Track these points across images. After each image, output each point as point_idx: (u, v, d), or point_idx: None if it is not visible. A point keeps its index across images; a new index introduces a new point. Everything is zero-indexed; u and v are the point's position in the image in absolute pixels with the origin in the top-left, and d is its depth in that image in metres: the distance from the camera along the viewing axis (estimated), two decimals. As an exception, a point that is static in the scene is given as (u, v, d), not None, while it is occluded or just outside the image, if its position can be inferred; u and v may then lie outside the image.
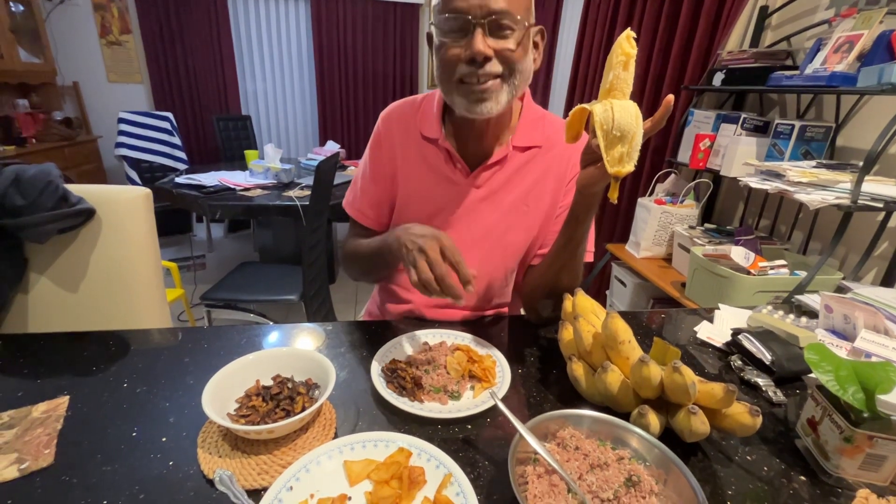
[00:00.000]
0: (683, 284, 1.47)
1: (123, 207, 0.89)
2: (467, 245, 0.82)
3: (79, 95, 3.45)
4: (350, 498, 0.46)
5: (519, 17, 0.65)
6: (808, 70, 1.28)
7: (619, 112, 0.54)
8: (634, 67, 0.56)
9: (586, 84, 2.50)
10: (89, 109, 3.51)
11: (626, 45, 0.55)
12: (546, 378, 0.69)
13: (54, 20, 3.25)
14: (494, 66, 0.67)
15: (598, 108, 0.56)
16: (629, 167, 0.56)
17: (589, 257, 0.83)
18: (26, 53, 2.97)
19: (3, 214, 0.79)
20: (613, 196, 0.60)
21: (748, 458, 0.56)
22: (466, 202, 0.82)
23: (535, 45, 0.74)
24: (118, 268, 0.89)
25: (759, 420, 0.52)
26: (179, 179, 2.31)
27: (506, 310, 0.94)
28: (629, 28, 0.57)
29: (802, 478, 0.53)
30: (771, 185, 1.21)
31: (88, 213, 0.86)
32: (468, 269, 0.63)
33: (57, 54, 3.25)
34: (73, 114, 3.42)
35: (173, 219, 3.44)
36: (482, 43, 0.64)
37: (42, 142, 2.88)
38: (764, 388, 0.69)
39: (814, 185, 1.15)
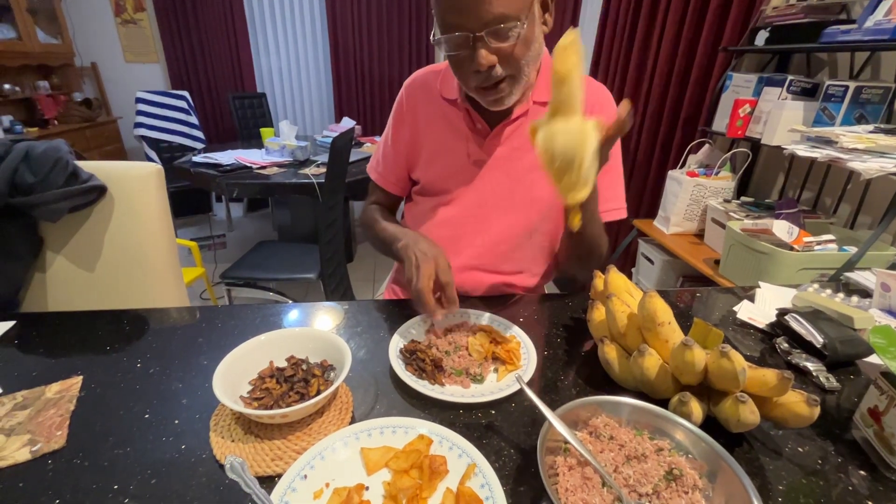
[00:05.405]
0: (717, 261, 1.39)
1: (135, 184, 0.87)
2: (490, 204, 0.84)
3: (97, 76, 3.47)
4: (367, 488, 0.43)
5: (516, 14, 0.62)
6: (869, 23, 1.14)
7: (562, 138, 0.50)
8: (582, 73, 0.49)
9: (612, 49, 2.36)
10: (108, 90, 3.53)
11: (562, 59, 0.48)
12: (574, 361, 0.65)
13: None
14: (501, 70, 0.66)
15: (539, 138, 0.52)
16: (582, 194, 0.53)
17: (622, 213, 0.84)
18: (44, 34, 2.97)
19: (15, 192, 0.77)
20: (573, 223, 0.58)
21: (799, 449, 0.51)
22: (487, 160, 0.82)
23: (545, 8, 0.70)
24: (132, 245, 0.88)
25: (817, 410, 0.48)
26: (197, 158, 2.31)
27: (533, 281, 0.91)
28: (572, 27, 0.50)
29: (862, 472, 0.49)
30: (821, 153, 1.11)
31: (100, 191, 0.84)
32: (454, 293, 0.66)
33: (74, 35, 3.25)
34: (93, 95, 3.44)
35: (193, 198, 3.47)
36: (485, 57, 0.64)
37: (64, 123, 2.92)
38: (814, 374, 0.63)
39: (870, 152, 1.05)
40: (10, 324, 0.70)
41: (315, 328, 0.71)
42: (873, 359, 0.67)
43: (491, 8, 0.60)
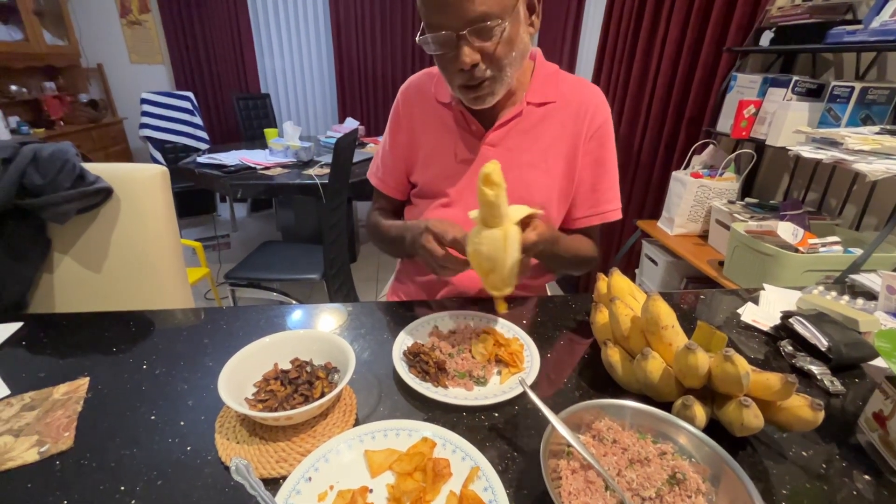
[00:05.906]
0: (721, 263, 1.39)
1: (140, 186, 0.88)
2: None
3: (103, 77, 3.49)
4: (371, 490, 0.43)
5: (499, 13, 0.63)
6: (875, 23, 1.14)
7: (487, 245, 0.58)
8: (505, 194, 0.58)
9: (615, 50, 2.35)
10: (114, 91, 3.55)
11: (487, 187, 0.55)
12: (577, 364, 0.65)
13: (76, 1, 3.26)
14: (484, 71, 0.68)
15: (469, 244, 0.60)
16: (507, 290, 0.63)
17: (618, 214, 0.87)
18: (51, 36, 3.00)
19: (24, 194, 0.78)
20: (499, 309, 0.68)
21: (803, 453, 0.51)
22: (482, 162, 0.82)
23: (531, 10, 0.71)
24: (137, 246, 0.89)
25: (822, 415, 0.47)
26: (201, 159, 2.32)
27: (535, 281, 0.91)
28: (492, 161, 0.56)
29: (867, 477, 0.48)
30: (826, 154, 1.10)
31: (106, 193, 0.85)
32: (454, 236, 0.66)
33: (80, 36, 3.27)
34: (99, 95, 3.47)
35: (198, 199, 3.49)
36: (468, 56, 0.65)
37: (70, 124, 2.94)
38: (819, 377, 0.63)
39: (876, 154, 1.04)
40: (17, 325, 0.71)
41: (319, 330, 0.71)
42: (878, 362, 0.66)
43: (474, 6, 0.61)
